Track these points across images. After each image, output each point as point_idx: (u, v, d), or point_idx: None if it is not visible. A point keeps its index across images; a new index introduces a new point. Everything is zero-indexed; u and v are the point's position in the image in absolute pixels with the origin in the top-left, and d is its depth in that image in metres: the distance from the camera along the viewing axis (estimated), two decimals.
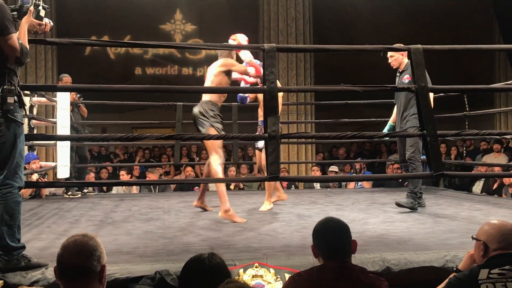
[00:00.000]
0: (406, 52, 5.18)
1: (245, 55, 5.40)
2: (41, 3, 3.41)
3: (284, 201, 6.37)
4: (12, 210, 3.19)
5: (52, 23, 3.53)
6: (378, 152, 12.14)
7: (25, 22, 3.29)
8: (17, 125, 3.24)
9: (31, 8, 3.32)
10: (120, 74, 12.84)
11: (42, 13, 3.43)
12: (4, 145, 3.18)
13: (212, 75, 5.31)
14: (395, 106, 5.93)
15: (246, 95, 6.05)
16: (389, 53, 5.66)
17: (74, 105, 7.68)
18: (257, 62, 5.27)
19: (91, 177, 9.11)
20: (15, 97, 3.22)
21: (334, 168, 9.55)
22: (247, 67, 5.31)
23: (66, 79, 7.55)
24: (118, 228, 4.79)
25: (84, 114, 8.01)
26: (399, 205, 5.56)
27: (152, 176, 8.71)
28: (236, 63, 5.34)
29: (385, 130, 6.00)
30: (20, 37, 3.20)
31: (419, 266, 3.43)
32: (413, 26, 12.58)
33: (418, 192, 5.61)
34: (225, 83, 5.29)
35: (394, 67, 5.75)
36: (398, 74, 5.74)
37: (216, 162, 5.17)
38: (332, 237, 2.41)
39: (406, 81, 5.47)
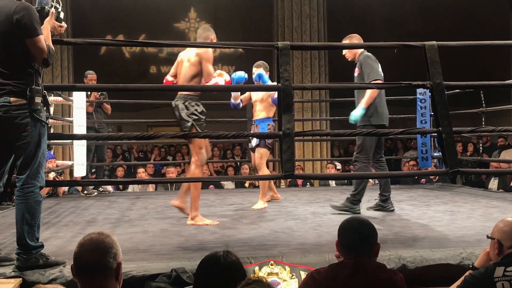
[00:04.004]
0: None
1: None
2: (59, 5, 3.45)
3: (278, 200, 6.37)
4: (33, 209, 3.23)
5: (65, 25, 3.57)
6: (394, 149, 12.09)
7: (48, 24, 3.33)
8: (42, 125, 3.29)
9: (52, 10, 3.36)
10: (135, 72, 12.90)
11: (62, 15, 3.48)
12: (29, 145, 3.22)
13: (189, 61, 4.91)
14: None
15: (238, 101, 6.01)
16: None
17: (96, 104, 7.72)
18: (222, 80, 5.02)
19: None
20: (41, 97, 3.27)
21: (338, 165, 9.57)
22: (214, 78, 4.87)
23: (91, 76, 7.59)
24: (134, 226, 4.83)
25: (108, 111, 7.99)
26: (333, 207, 5.30)
27: (172, 174, 8.72)
28: (211, 61, 4.90)
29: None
30: (45, 38, 3.22)
31: (435, 264, 3.42)
32: (429, 23, 12.49)
33: (358, 197, 5.26)
34: (201, 74, 4.89)
35: (349, 59, 5.44)
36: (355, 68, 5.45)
37: (197, 163, 4.91)
38: (352, 234, 2.42)
39: (356, 74, 5.30)
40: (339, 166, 9.60)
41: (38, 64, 3.24)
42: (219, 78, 4.92)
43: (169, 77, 5.19)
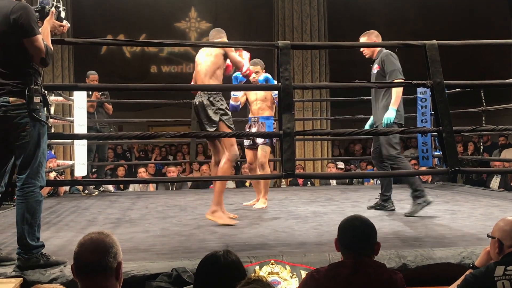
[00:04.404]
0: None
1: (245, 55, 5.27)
2: (61, 4, 3.45)
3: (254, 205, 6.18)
4: (33, 209, 3.24)
5: (68, 24, 3.57)
6: None
7: (48, 24, 3.33)
8: (42, 124, 3.29)
9: (53, 9, 3.36)
10: (136, 72, 12.91)
11: (63, 14, 3.48)
12: (28, 145, 3.22)
13: (211, 55, 4.91)
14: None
15: (238, 103, 6.00)
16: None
17: (98, 104, 7.71)
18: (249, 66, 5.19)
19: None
20: (40, 97, 3.27)
21: (340, 164, 9.57)
22: (243, 61, 5.03)
23: (93, 76, 7.58)
24: (135, 225, 4.83)
25: (109, 111, 7.97)
26: (409, 215, 5.06)
27: (173, 173, 8.72)
28: (233, 49, 4.96)
29: (367, 126, 5.58)
30: (44, 38, 3.23)
31: (435, 263, 3.42)
32: (429, 23, 12.48)
33: (418, 189, 5.13)
34: (223, 65, 4.93)
35: (367, 56, 5.41)
36: (372, 65, 5.42)
37: (228, 158, 4.81)
38: (352, 233, 2.42)
39: (375, 71, 5.25)
40: (341, 165, 9.56)
41: (36, 64, 3.24)
42: (247, 62, 5.05)
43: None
